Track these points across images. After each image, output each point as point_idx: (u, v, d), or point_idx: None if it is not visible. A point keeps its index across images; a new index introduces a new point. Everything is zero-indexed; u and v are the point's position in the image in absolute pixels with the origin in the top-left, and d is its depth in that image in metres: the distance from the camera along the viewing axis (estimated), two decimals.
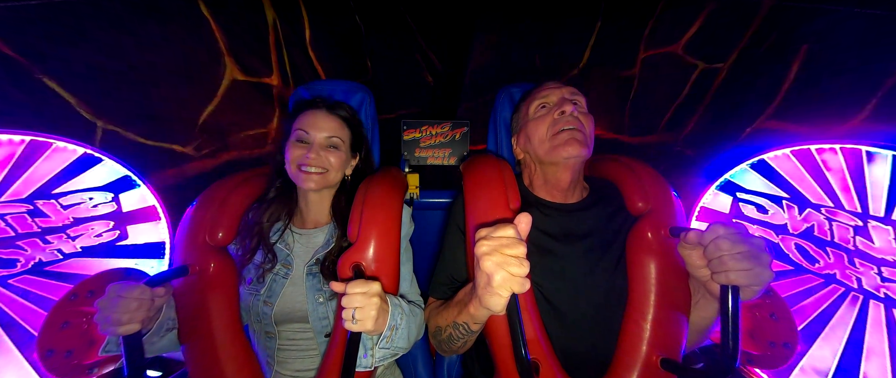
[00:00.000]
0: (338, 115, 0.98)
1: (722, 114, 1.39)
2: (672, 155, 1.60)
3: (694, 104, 1.48)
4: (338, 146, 0.96)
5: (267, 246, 0.94)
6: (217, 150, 1.41)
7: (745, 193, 1.28)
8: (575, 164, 0.91)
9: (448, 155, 1.67)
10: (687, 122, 1.52)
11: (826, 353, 1.08)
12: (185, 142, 1.32)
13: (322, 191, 0.98)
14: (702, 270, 0.73)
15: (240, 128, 1.45)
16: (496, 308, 0.58)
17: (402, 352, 0.80)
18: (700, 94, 1.45)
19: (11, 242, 1.01)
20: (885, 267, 0.97)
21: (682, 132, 1.54)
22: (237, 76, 1.39)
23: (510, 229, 0.58)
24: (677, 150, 1.57)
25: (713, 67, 1.39)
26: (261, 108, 1.50)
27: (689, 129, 1.51)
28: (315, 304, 0.89)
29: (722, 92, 1.38)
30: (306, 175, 0.91)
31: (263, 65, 1.48)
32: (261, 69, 1.47)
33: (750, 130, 1.29)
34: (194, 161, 1.36)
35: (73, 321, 1.02)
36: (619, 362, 0.80)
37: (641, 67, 1.65)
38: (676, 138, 1.56)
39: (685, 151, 1.54)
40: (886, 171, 0.95)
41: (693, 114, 1.49)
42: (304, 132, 0.93)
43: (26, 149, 1.01)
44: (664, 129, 1.63)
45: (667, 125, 1.61)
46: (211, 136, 1.37)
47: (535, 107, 0.95)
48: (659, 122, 1.63)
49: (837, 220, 1.05)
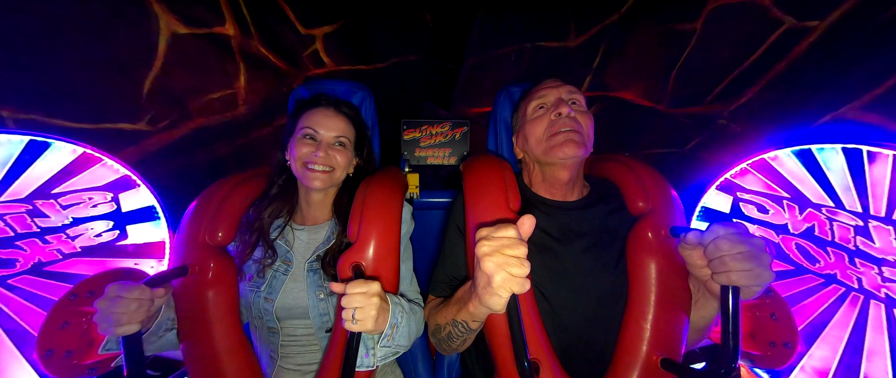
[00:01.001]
0: (344, 114, 0.99)
1: (796, 89, 1.07)
2: (711, 128, 1.28)
3: (763, 70, 1.15)
4: (345, 145, 0.97)
5: (267, 242, 0.94)
6: (177, 120, 1.21)
7: (745, 193, 1.28)
8: (573, 164, 0.91)
9: (448, 155, 1.67)
10: (745, 92, 1.19)
11: (826, 353, 1.08)
12: (133, 118, 1.12)
13: (326, 189, 0.98)
14: (702, 270, 0.73)
15: (199, 92, 1.22)
16: (496, 308, 0.58)
17: (403, 349, 0.80)
18: (774, 58, 1.12)
19: (11, 242, 1.01)
20: (885, 267, 0.97)
21: (736, 102, 1.22)
22: (177, 29, 1.12)
23: (511, 230, 0.57)
24: (720, 123, 1.25)
25: (804, 25, 1.05)
26: (220, 66, 1.24)
27: (746, 99, 1.19)
28: (316, 300, 0.90)
29: (806, 60, 1.05)
30: (313, 174, 0.91)
31: (211, 12, 1.18)
32: (208, 17, 1.17)
33: (829, 117, 1.01)
34: (153, 136, 1.16)
35: (72, 321, 1.02)
36: (619, 362, 0.80)
37: (706, 20, 1.26)
38: (723, 109, 1.24)
39: (729, 124, 1.23)
40: (887, 170, 0.95)
41: (758, 82, 1.16)
42: (312, 130, 0.94)
43: (26, 149, 1.01)
44: (714, 100, 1.29)
45: (719, 96, 1.27)
46: (164, 106, 1.16)
47: (533, 107, 0.96)
48: (709, 91, 1.29)
49: (838, 220, 1.05)
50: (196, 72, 1.19)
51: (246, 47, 1.28)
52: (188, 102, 1.21)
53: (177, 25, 1.11)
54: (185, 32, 1.13)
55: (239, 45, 1.27)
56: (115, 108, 1.09)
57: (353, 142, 1.00)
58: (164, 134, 1.19)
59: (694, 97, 1.35)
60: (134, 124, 1.13)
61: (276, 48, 1.40)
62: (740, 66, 1.20)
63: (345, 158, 0.96)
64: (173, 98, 1.17)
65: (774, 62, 1.13)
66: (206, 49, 1.19)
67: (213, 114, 1.27)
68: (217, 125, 1.29)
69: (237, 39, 1.26)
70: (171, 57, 1.13)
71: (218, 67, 1.24)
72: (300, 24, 1.38)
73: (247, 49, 1.28)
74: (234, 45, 1.26)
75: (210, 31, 1.19)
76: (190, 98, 1.21)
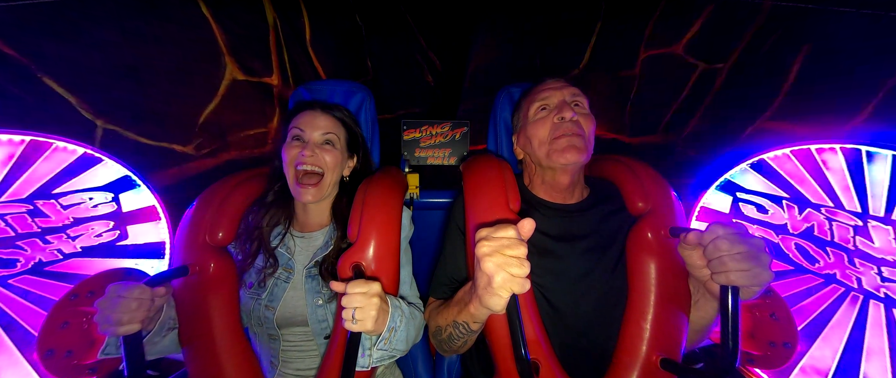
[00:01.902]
0: (332, 114, 0.99)
1: (723, 114, 1.39)
2: (674, 155, 1.59)
3: (695, 104, 1.48)
4: (333, 143, 0.96)
5: (268, 250, 0.93)
6: (217, 149, 1.41)
7: (745, 193, 1.28)
8: (574, 169, 0.91)
9: (448, 155, 1.67)
10: (688, 123, 1.51)
11: (826, 353, 1.08)
12: (185, 141, 1.32)
13: (319, 201, 0.97)
14: (702, 270, 0.73)
15: (240, 127, 1.45)
16: (496, 308, 0.58)
17: (400, 354, 0.80)
18: (701, 95, 1.45)
19: (11, 242, 1.01)
20: (885, 267, 0.97)
21: (683, 132, 1.53)
22: (237, 76, 1.40)
23: (511, 230, 0.58)
24: (679, 151, 1.56)
25: (714, 68, 1.39)
26: (261, 108, 1.51)
27: (690, 129, 1.51)
28: (314, 306, 0.89)
29: (722, 92, 1.38)
30: (304, 189, 0.90)
31: (263, 65, 1.48)
32: (261, 69, 1.47)
33: (751, 130, 1.29)
34: (194, 160, 1.36)
35: (73, 321, 1.02)
36: (618, 362, 0.80)
37: (642, 67, 1.65)
38: (677, 138, 1.56)
39: (687, 152, 1.53)
40: (886, 170, 0.96)
41: (694, 114, 1.49)
42: (299, 130, 0.94)
43: (26, 149, 1.01)
44: (665, 130, 1.62)
45: (667, 125, 1.61)
46: (211, 136, 1.38)
47: (536, 108, 0.94)
48: (659, 122, 1.63)
49: (837, 220, 1.05)
50: (240, 110, 1.44)
51: (283, 94, 1.55)
52: (229, 135, 1.43)
53: (237, 72, 1.40)
54: (242, 79, 1.42)
55: (278, 93, 1.54)
56: (175, 132, 1.30)
57: (344, 142, 0.99)
58: (205, 160, 1.40)
59: (648, 128, 1.69)
60: (184, 147, 1.32)
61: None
62: (677, 101, 1.55)
63: (334, 158, 0.94)
64: (219, 130, 1.40)
65: (703, 96, 1.45)
66: (252, 92, 1.46)
67: (245, 149, 1.50)
68: (246, 158, 1.50)
69: (278, 88, 1.54)
70: (227, 97, 1.39)
71: (259, 109, 1.50)
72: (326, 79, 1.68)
73: (283, 96, 1.55)
74: (275, 92, 1.53)
75: (260, 80, 1.47)
76: (231, 132, 1.44)
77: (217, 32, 1.30)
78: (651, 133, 1.69)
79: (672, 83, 1.54)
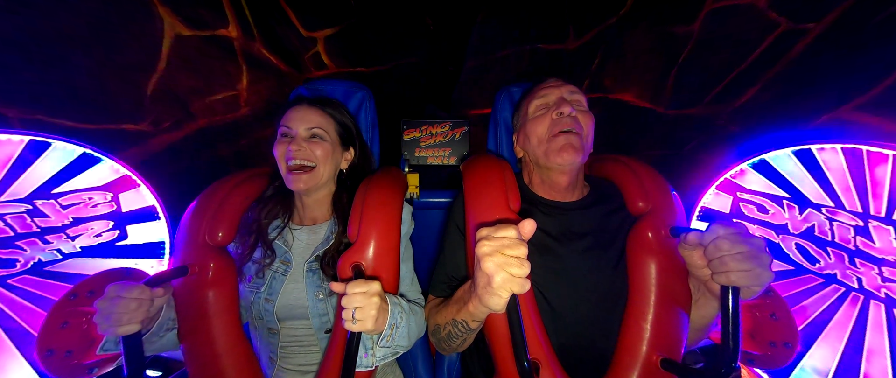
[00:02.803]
0: (320, 108, 0.98)
1: (793, 90, 1.10)
2: (710, 130, 1.30)
3: (760, 71, 1.17)
4: (322, 137, 0.95)
5: (265, 242, 0.94)
6: (180, 120, 1.22)
7: (745, 193, 1.28)
8: (571, 169, 0.91)
9: (448, 155, 1.67)
10: (744, 92, 1.21)
11: (826, 353, 1.08)
12: (136, 119, 1.14)
13: (318, 190, 0.97)
14: (702, 270, 0.73)
15: (201, 93, 1.23)
16: (496, 308, 0.58)
17: (403, 350, 0.80)
18: (771, 60, 1.15)
19: (11, 242, 1.01)
20: (885, 267, 0.97)
21: (734, 103, 1.24)
22: (181, 31, 1.13)
23: (511, 230, 0.57)
24: (719, 124, 1.28)
25: (800, 28, 1.07)
26: (222, 67, 1.26)
27: (744, 100, 1.21)
28: (315, 300, 0.90)
29: (802, 62, 1.07)
30: (295, 176, 0.90)
31: (215, 13, 1.19)
32: (211, 19, 1.19)
33: (827, 117, 1.03)
34: (155, 137, 1.17)
35: (72, 321, 1.02)
36: (619, 362, 0.80)
37: (703, 22, 1.27)
38: (722, 111, 1.26)
39: (728, 126, 1.25)
40: (887, 170, 0.95)
41: (755, 83, 1.18)
42: (286, 127, 0.94)
43: (26, 149, 1.01)
44: (711, 102, 1.31)
45: (716, 97, 1.29)
46: (167, 107, 1.17)
47: (535, 106, 0.96)
48: (707, 93, 1.32)
49: (838, 220, 1.05)
50: (199, 73, 1.20)
51: (248, 49, 1.30)
52: (191, 104, 1.22)
53: (180, 28, 1.13)
54: (189, 34, 1.15)
55: (241, 47, 1.28)
56: (119, 110, 1.10)
57: (336, 135, 0.99)
58: (167, 135, 1.20)
59: (692, 99, 1.37)
60: (137, 125, 1.14)
61: (278, 50, 1.42)
62: (738, 67, 1.22)
63: (324, 151, 0.94)
64: (176, 99, 1.18)
65: (771, 64, 1.15)
66: (208, 51, 1.20)
67: (215, 115, 1.28)
68: (219, 126, 1.30)
69: (240, 41, 1.27)
70: (175, 59, 1.14)
71: (220, 69, 1.25)
72: (302, 27, 1.41)
73: (249, 51, 1.30)
74: (237, 47, 1.27)
75: (213, 33, 1.20)
76: (192, 99, 1.22)
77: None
78: (694, 105, 1.37)
79: (739, 46, 1.21)
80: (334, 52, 1.56)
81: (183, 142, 1.23)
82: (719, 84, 1.28)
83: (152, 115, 1.15)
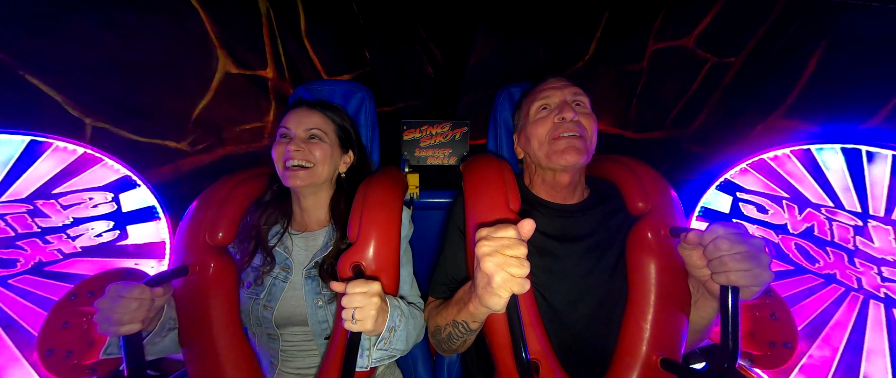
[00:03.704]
0: (319, 110, 0.99)
1: (732, 110, 1.34)
2: (678, 152, 1.53)
3: (703, 100, 1.42)
4: (320, 138, 0.95)
5: (265, 249, 0.93)
6: (212, 145, 1.39)
7: (745, 193, 1.28)
8: (573, 170, 0.90)
9: (448, 155, 1.67)
10: (695, 119, 1.45)
11: (826, 353, 1.08)
12: (178, 138, 1.30)
13: (316, 192, 0.97)
14: (702, 270, 0.73)
15: (235, 122, 1.43)
16: (496, 308, 0.58)
17: (399, 354, 0.80)
18: (710, 90, 1.39)
19: (11, 242, 1.01)
20: (885, 267, 0.97)
21: (690, 128, 1.48)
22: (230, 69, 1.36)
23: (511, 230, 0.57)
24: (684, 147, 1.50)
25: (725, 62, 1.33)
26: (256, 102, 1.47)
27: (697, 125, 1.45)
28: (314, 307, 0.89)
29: (733, 88, 1.32)
30: (292, 173, 0.90)
31: (257, 57, 1.44)
32: (255, 62, 1.43)
33: (761, 128, 1.24)
34: (189, 157, 1.34)
35: (73, 321, 1.02)
36: (619, 362, 0.80)
37: (650, 61, 1.57)
38: (683, 134, 1.50)
39: (692, 148, 1.47)
40: (886, 170, 0.96)
41: (702, 110, 1.42)
42: (285, 129, 0.95)
43: (26, 149, 1.01)
44: (671, 126, 1.56)
45: (673, 121, 1.54)
46: (205, 131, 1.36)
47: (537, 108, 0.94)
48: (665, 117, 1.57)
49: (837, 220, 1.05)
50: (235, 104, 1.40)
51: (279, 88, 1.52)
52: (224, 131, 1.41)
53: (230, 66, 1.36)
54: (236, 72, 1.38)
55: (274, 86, 1.50)
56: (168, 128, 1.28)
57: (333, 136, 0.99)
58: (200, 156, 1.38)
59: (654, 124, 1.64)
60: (177, 143, 1.31)
61: None
62: (685, 96, 1.49)
63: (323, 152, 0.94)
64: (214, 125, 1.38)
65: (711, 92, 1.40)
66: (246, 86, 1.42)
67: (241, 143, 1.47)
68: (243, 154, 1.48)
69: (273, 81, 1.49)
70: (220, 91, 1.35)
71: (254, 103, 1.47)
72: (324, 72, 1.64)
73: (279, 89, 1.52)
74: (270, 86, 1.49)
75: (254, 73, 1.44)
76: (226, 127, 1.41)
77: (207, 23, 1.25)
78: (656, 129, 1.63)
79: (681, 77, 1.48)
80: None
81: (209, 165, 1.40)
82: (673, 110, 1.55)
83: (192, 137, 1.34)
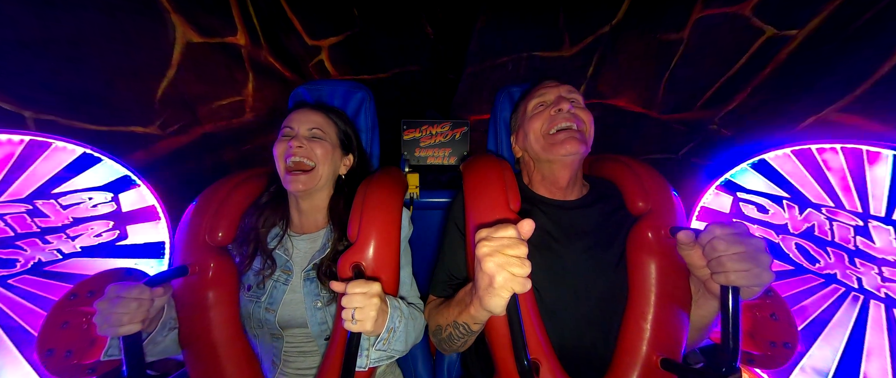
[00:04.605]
0: (321, 110, 0.99)
1: (781, 93, 1.12)
2: (702, 132, 1.33)
3: (748, 77, 1.20)
4: (322, 138, 0.95)
5: (265, 252, 0.93)
6: (187, 125, 1.25)
7: (745, 193, 1.28)
8: (573, 162, 0.91)
9: (448, 155, 1.67)
10: (733, 97, 1.24)
11: (826, 353, 1.08)
12: (145, 122, 1.17)
13: (315, 195, 0.97)
14: (702, 270, 0.73)
15: (208, 98, 1.26)
16: (497, 309, 0.58)
17: (398, 354, 0.80)
18: (758, 67, 1.17)
19: (11, 242, 1.01)
20: (885, 267, 0.97)
21: (724, 107, 1.27)
22: (192, 38, 1.16)
23: (511, 230, 0.57)
24: (712, 128, 1.31)
25: (784, 34, 1.10)
26: (230, 74, 1.28)
27: (733, 105, 1.24)
28: (313, 309, 0.89)
29: (788, 66, 1.10)
30: (293, 177, 0.90)
31: (224, 22, 1.22)
32: (220, 28, 1.22)
33: (813, 120, 1.05)
34: (163, 141, 1.21)
35: (72, 321, 1.02)
36: (619, 362, 0.80)
37: (692, 30, 1.30)
38: (714, 114, 1.30)
39: (720, 130, 1.28)
40: (887, 170, 0.95)
41: (743, 88, 1.21)
42: (288, 127, 0.95)
43: (26, 149, 1.01)
44: (703, 106, 1.34)
45: (708, 101, 1.32)
46: (176, 112, 1.20)
47: (534, 105, 0.96)
48: (698, 98, 1.35)
49: (838, 220, 1.05)
50: (207, 79, 1.22)
51: (255, 57, 1.32)
52: (198, 108, 1.24)
53: (192, 35, 1.15)
54: (199, 41, 1.17)
55: (249, 55, 1.31)
56: (130, 112, 1.13)
57: (336, 138, 0.99)
58: (174, 138, 1.22)
59: (684, 103, 1.40)
60: (145, 128, 1.17)
61: (283, 58, 1.45)
62: (726, 73, 1.26)
63: (324, 151, 0.94)
64: (184, 104, 1.21)
65: (758, 69, 1.18)
66: (217, 58, 1.23)
67: (220, 120, 1.30)
68: (224, 131, 1.32)
69: (247, 49, 1.30)
70: (185, 64, 1.16)
71: (227, 76, 1.28)
72: (307, 36, 1.44)
73: (256, 58, 1.32)
74: (244, 54, 1.30)
75: (222, 41, 1.23)
76: (200, 104, 1.24)
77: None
78: (685, 110, 1.40)
79: (727, 52, 1.24)
80: (338, 59, 1.59)
81: (189, 146, 1.25)
82: (709, 89, 1.31)
83: (161, 119, 1.18)
